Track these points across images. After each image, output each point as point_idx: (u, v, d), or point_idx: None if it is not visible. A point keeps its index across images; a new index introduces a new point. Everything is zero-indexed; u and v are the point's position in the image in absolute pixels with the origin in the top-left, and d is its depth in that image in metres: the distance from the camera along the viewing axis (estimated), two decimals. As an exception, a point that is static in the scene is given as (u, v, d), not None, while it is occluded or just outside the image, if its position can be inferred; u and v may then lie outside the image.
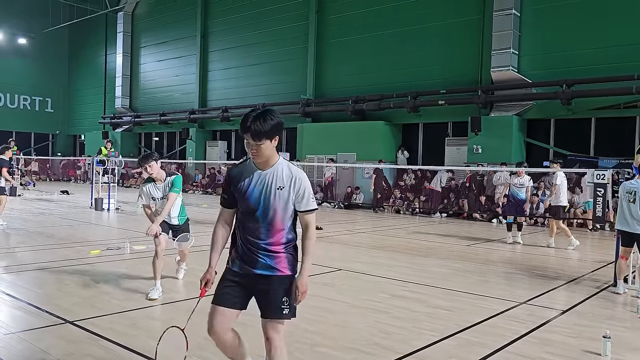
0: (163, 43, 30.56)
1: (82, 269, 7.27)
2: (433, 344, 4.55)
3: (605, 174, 7.42)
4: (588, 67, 16.15)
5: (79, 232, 11.26)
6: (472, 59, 18.69)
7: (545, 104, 17.18)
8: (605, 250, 10.92)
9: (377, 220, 15.61)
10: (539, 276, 7.79)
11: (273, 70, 24.85)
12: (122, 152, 29.63)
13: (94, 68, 35.65)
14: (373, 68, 21.20)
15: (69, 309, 5.29)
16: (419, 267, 8.25)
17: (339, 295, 6.25)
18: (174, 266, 6.94)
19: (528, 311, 5.76)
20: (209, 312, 3.19)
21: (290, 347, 4.35)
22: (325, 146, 21.40)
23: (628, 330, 5.18)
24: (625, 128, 16.32)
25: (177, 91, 29.66)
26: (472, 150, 17.81)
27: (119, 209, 16.01)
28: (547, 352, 4.44)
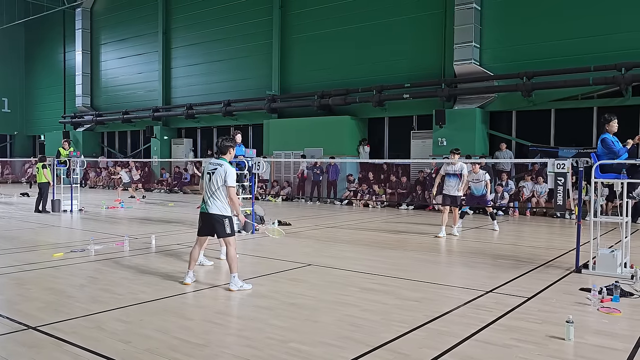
0: (124, 40, 29.90)
1: (45, 272, 7.07)
2: (403, 335, 4.59)
3: (565, 164, 7.62)
4: (547, 59, 16.56)
5: (41, 235, 10.95)
6: (436, 53, 18.92)
7: (506, 96, 17.54)
8: (566, 238, 11.26)
9: (345, 215, 15.68)
10: (504, 265, 7.96)
11: (237, 67, 24.62)
12: (85, 152, 28.93)
13: (53, 66, 34.62)
14: (338, 63, 21.24)
15: (32, 314, 5.14)
16: (387, 260, 8.33)
17: (308, 290, 6.25)
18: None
19: (494, 299, 5.88)
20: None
21: (261, 343, 4.35)
22: (292, 142, 21.35)
23: (590, 315, 5.34)
24: (583, 119, 16.80)
25: (140, 89, 29.08)
26: (437, 143, 18.05)
27: (82, 210, 15.64)
28: (514, 338, 4.54)
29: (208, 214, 6.19)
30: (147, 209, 16.99)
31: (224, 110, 24.18)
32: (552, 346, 4.37)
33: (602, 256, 7.29)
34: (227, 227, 6.18)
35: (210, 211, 6.16)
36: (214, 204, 6.14)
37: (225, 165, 6.23)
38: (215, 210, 6.15)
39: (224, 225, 6.17)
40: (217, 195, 6.15)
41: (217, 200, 6.14)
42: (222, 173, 6.15)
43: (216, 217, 6.16)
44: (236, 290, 6.04)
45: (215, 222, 6.17)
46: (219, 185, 6.15)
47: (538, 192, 15.92)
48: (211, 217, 6.18)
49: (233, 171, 6.22)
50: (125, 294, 5.93)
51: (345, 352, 4.16)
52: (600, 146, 7.40)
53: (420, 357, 4.08)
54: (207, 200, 6.19)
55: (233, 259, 6.13)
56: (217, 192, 6.15)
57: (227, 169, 6.19)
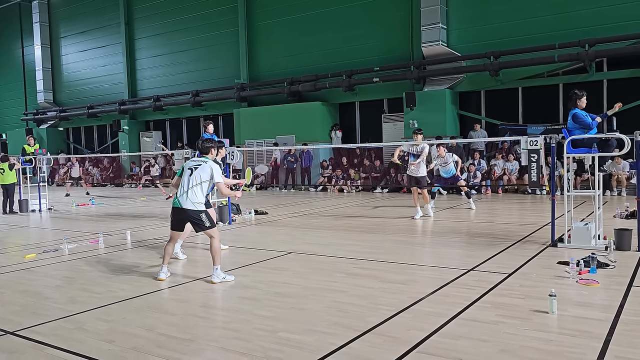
0: (85, 32, 29.06)
1: (19, 275, 6.85)
2: (390, 318, 4.60)
3: (538, 140, 7.73)
4: (513, 38, 16.75)
5: (11, 237, 10.62)
6: (404, 35, 18.94)
7: (475, 76, 17.70)
8: (539, 213, 11.49)
9: (321, 201, 15.67)
10: (481, 243, 8.07)
11: (204, 56, 24.21)
12: (50, 149, 28.12)
13: (11, 61, 33.43)
14: (306, 49, 21.08)
15: (8, 319, 4.97)
16: (369, 244, 8.35)
17: (291, 278, 6.21)
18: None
19: (476, 277, 5.95)
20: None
21: (250, 335, 4.30)
22: (263, 130, 21.17)
23: (570, 287, 5.45)
24: (550, 96, 17.09)
25: (105, 82, 28.38)
26: (408, 125, 18.14)
27: (51, 209, 15.23)
28: (499, 314, 4.60)
29: (181, 209, 6.05)
30: (120, 204, 16.65)
31: (193, 101, 23.80)
32: (536, 320, 4.45)
33: (577, 229, 7.45)
34: (205, 221, 6.05)
35: (183, 206, 6.02)
36: (188, 199, 6.00)
37: (210, 162, 6.21)
38: (190, 206, 6.00)
39: (201, 219, 6.04)
40: (194, 191, 6.02)
41: (193, 195, 6.01)
42: (208, 169, 6.10)
43: (190, 212, 6.02)
44: (218, 283, 5.96)
45: (190, 218, 6.06)
46: (201, 180, 6.05)
47: (509, 169, 16.18)
48: (184, 212, 6.04)
49: (218, 167, 6.21)
50: (105, 292, 5.79)
51: (335, 338, 4.15)
52: (570, 121, 7.52)
53: (409, 338, 4.09)
54: (182, 195, 6.04)
55: (217, 251, 6.02)
56: (196, 188, 6.04)
57: (213, 165, 6.17)
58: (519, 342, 3.98)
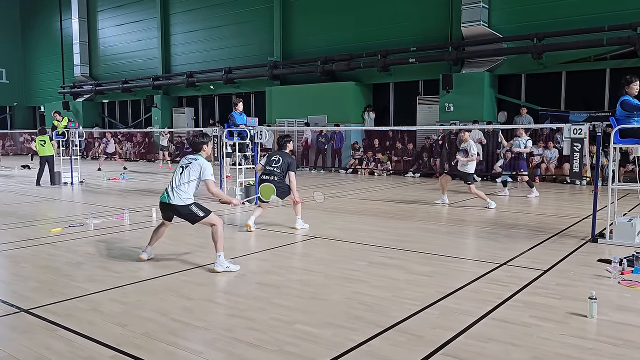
0: (121, 6, 29.18)
1: (42, 249, 6.84)
2: (415, 314, 4.34)
3: (582, 129, 7.24)
4: (559, 19, 15.93)
5: (40, 209, 10.73)
6: (442, 14, 18.27)
7: (516, 59, 16.98)
8: (578, 205, 10.96)
9: (351, 183, 15.39)
10: (516, 235, 7.69)
11: (238, 32, 23.98)
12: (85, 122, 28.67)
13: (50, 35, 33.96)
14: (341, 27, 20.60)
15: (25, 296, 4.91)
16: (396, 231, 8.06)
17: (314, 265, 5.99)
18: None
19: (509, 272, 5.61)
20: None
21: (265, 325, 4.11)
22: (295, 109, 20.91)
23: (611, 289, 5.07)
24: (596, 81, 16.26)
25: (139, 57, 28.51)
26: (443, 109, 17.60)
27: (83, 182, 15.40)
28: (533, 316, 4.28)
29: (167, 204, 5.90)
30: (150, 180, 16.74)
31: (225, 78, 23.67)
32: (574, 324, 4.12)
33: (620, 225, 7.00)
34: (197, 212, 5.83)
35: (171, 202, 5.83)
36: (176, 195, 5.81)
37: (200, 159, 5.97)
38: (178, 202, 5.80)
39: (192, 212, 5.82)
40: (183, 188, 5.83)
41: (181, 192, 5.81)
42: (197, 167, 5.87)
43: (179, 207, 5.81)
44: (221, 272, 5.63)
45: (180, 214, 5.88)
46: (190, 178, 5.84)
47: (548, 157, 15.54)
48: (172, 207, 5.87)
49: (210, 165, 5.94)
50: (123, 271, 5.69)
51: (354, 334, 3.92)
52: (619, 109, 6.99)
53: (434, 338, 3.83)
54: (170, 192, 5.86)
55: (219, 237, 5.72)
56: (185, 185, 5.83)
57: (203, 162, 5.93)
58: (553, 348, 3.67)
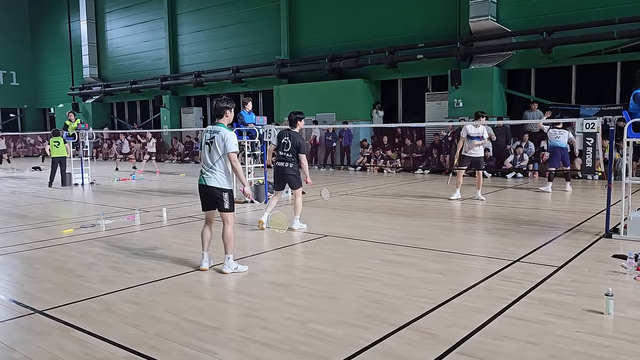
0: (128, 7, 29.27)
1: (55, 250, 6.88)
2: (428, 312, 4.31)
3: (595, 123, 7.16)
4: (568, 13, 15.76)
5: (52, 210, 10.79)
6: (450, 9, 18.15)
7: (525, 53, 16.83)
8: (590, 200, 10.86)
9: (360, 181, 15.35)
10: (529, 231, 7.62)
11: (245, 31, 23.98)
12: (94, 123, 28.80)
13: (59, 37, 34.15)
14: (348, 24, 20.53)
15: (39, 297, 4.94)
16: (407, 229, 8.02)
17: (325, 263, 5.97)
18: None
19: (523, 269, 5.56)
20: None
21: (277, 324, 4.10)
22: (303, 107, 20.68)
23: (627, 285, 5.01)
24: (607, 75, 16.09)
25: (147, 57, 28.59)
26: (452, 105, 17.49)
27: (93, 183, 15.48)
28: (548, 313, 4.23)
29: (206, 186, 5.57)
30: (160, 180, 16.80)
31: (233, 77, 23.69)
32: (590, 321, 4.07)
33: (634, 220, 6.91)
34: (225, 202, 5.56)
35: (208, 183, 5.54)
36: (213, 176, 5.52)
37: (222, 130, 5.53)
38: (214, 183, 5.52)
39: (222, 198, 5.55)
40: (217, 167, 5.52)
41: (216, 172, 5.52)
42: (220, 141, 5.48)
43: (215, 190, 5.54)
44: (230, 273, 5.53)
45: (213, 195, 5.58)
46: (220, 154, 5.50)
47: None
48: (210, 189, 5.57)
49: (233, 135, 5.55)
50: (135, 272, 5.70)
51: (368, 332, 3.89)
52: (632, 102, 6.91)
53: (449, 336, 3.80)
54: (206, 172, 5.56)
55: (230, 238, 5.57)
56: (218, 163, 5.51)
57: (225, 133, 5.50)
58: (570, 346, 3.62)
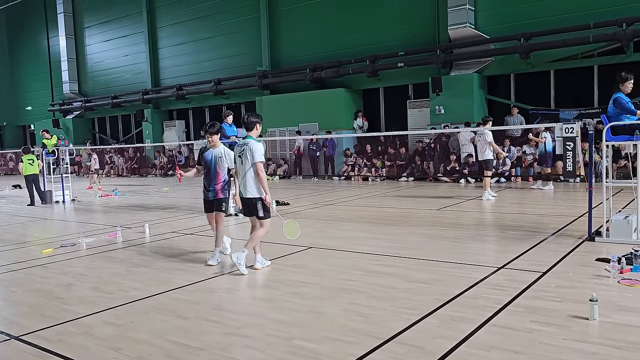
0: (108, 22, 29.12)
1: (33, 272, 6.71)
2: (414, 324, 4.25)
3: (574, 127, 7.21)
4: (545, 19, 16.01)
5: (31, 229, 10.58)
6: (429, 18, 18.32)
7: (504, 59, 17.02)
8: (572, 203, 10.94)
9: (344, 190, 15.33)
10: (512, 236, 7.63)
11: (226, 43, 23.96)
12: (76, 139, 28.52)
13: (38, 53, 33.81)
14: (329, 34, 20.62)
15: (15, 321, 4.79)
16: (392, 238, 7.99)
17: (310, 276, 5.91)
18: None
19: (507, 276, 5.55)
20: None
21: (262, 342, 4.02)
22: (286, 118, 20.86)
23: (611, 288, 5.01)
24: (584, 78, 16.32)
25: (128, 72, 28.43)
26: (434, 112, 17.60)
27: (75, 200, 15.26)
28: (534, 320, 4.21)
29: (245, 198, 6.12)
30: (142, 195, 16.61)
31: (215, 89, 23.63)
32: (576, 328, 4.05)
33: (616, 222, 6.96)
34: (259, 210, 6.07)
35: (245, 195, 6.08)
36: (248, 187, 6.02)
37: (250, 142, 6.03)
38: (249, 194, 6.04)
39: (256, 207, 6.07)
40: (248, 177, 6.01)
41: (248, 182, 6.01)
42: (249, 152, 5.98)
43: (251, 200, 6.06)
44: (261, 268, 6.17)
45: (250, 205, 6.11)
46: (249, 165, 5.99)
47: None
48: (247, 200, 6.11)
49: (260, 147, 6.02)
50: (116, 291, 5.57)
51: (353, 347, 3.83)
52: (611, 106, 6.98)
53: (435, 349, 3.75)
54: (241, 184, 6.09)
55: (257, 238, 6.12)
56: (248, 175, 6.00)
57: (253, 145, 5.99)
58: (557, 354, 3.59)
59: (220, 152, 6.63)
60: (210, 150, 6.68)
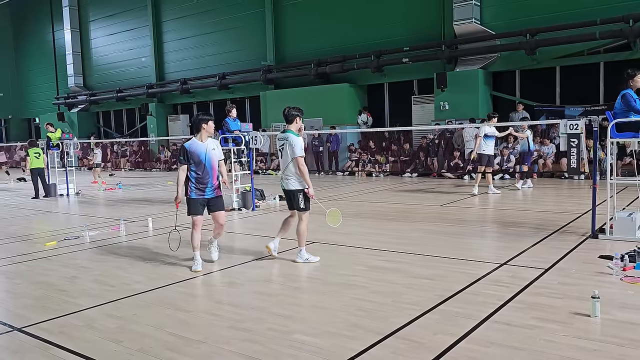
0: (112, 15, 29.09)
1: (36, 264, 6.75)
2: (415, 319, 4.25)
3: (579, 124, 7.18)
4: (551, 14, 15.90)
5: (36, 222, 10.63)
6: (434, 13, 18.23)
7: (509, 55, 16.94)
8: (577, 200, 10.90)
9: (348, 186, 15.32)
10: (515, 233, 7.61)
11: (231, 38, 23.92)
12: (80, 133, 28.54)
13: (43, 46, 33.83)
14: (334, 29, 20.55)
15: (18, 313, 4.82)
16: (395, 234, 7.98)
17: (312, 271, 5.92)
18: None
19: (510, 272, 5.54)
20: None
21: (263, 336, 4.02)
22: (290, 113, 20.76)
23: (613, 286, 5.00)
24: (590, 75, 16.22)
25: (133, 65, 28.42)
26: (439, 107, 17.54)
27: (79, 193, 15.31)
28: (535, 317, 4.20)
29: (286, 190, 6.21)
30: (146, 189, 16.65)
31: (219, 84, 23.61)
32: (577, 325, 4.04)
33: (620, 220, 6.93)
34: (300, 202, 6.13)
35: (286, 187, 6.17)
36: (289, 180, 6.13)
37: (290, 137, 6.12)
38: (290, 186, 6.13)
39: (298, 199, 6.13)
40: (288, 170, 6.11)
41: (289, 175, 6.11)
42: (289, 147, 6.08)
43: (291, 192, 6.15)
44: (301, 263, 6.19)
45: (292, 197, 6.18)
46: (289, 159, 6.08)
47: (545, 153, 15.48)
48: (287, 192, 6.20)
49: (299, 141, 6.11)
50: (119, 284, 5.60)
51: (354, 342, 3.83)
52: (619, 102, 6.92)
53: (435, 344, 3.75)
54: (283, 177, 6.19)
55: (301, 233, 6.20)
56: (289, 167, 6.10)
57: (292, 139, 6.08)
58: (557, 351, 3.58)
59: (214, 144, 6.24)
60: (199, 144, 6.09)
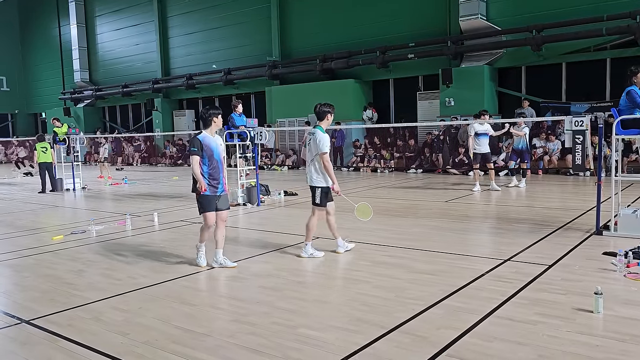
0: (118, 10, 29.16)
1: (44, 258, 6.82)
2: (419, 314, 4.29)
3: (584, 120, 7.17)
4: (557, 10, 15.84)
5: (43, 217, 10.71)
6: (440, 9, 18.19)
7: (515, 51, 16.89)
8: (582, 197, 10.88)
9: (353, 182, 15.34)
10: (520, 229, 7.62)
11: (236, 33, 23.93)
12: (86, 127, 28.69)
13: (49, 41, 33.96)
14: (339, 25, 20.54)
15: (26, 306, 4.88)
16: (399, 229, 8.01)
17: (316, 266, 5.95)
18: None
19: (513, 268, 5.56)
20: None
21: (267, 330, 4.06)
22: (295, 109, 20.84)
23: (617, 282, 5.01)
24: (596, 71, 16.15)
25: (138, 61, 28.50)
26: (444, 104, 17.52)
27: (85, 188, 15.40)
28: (538, 313, 4.22)
29: (310, 186, 6.28)
30: (152, 184, 16.73)
31: (225, 79, 23.64)
32: (580, 320, 4.06)
33: (624, 216, 6.93)
34: (317, 197, 6.20)
35: (309, 183, 6.25)
36: (311, 175, 6.20)
37: (317, 132, 6.17)
38: (313, 182, 6.19)
39: (315, 194, 6.21)
40: (312, 166, 6.16)
41: (312, 171, 6.17)
42: (315, 142, 6.12)
43: (313, 188, 6.22)
44: (306, 258, 6.21)
45: (313, 192, 6.26)
46: (314, 154, 6.13)
47: (550, 149, 15.45)
48: (311, 187, 6.27)
49: (325, 137, 6.13)
50: (125, 278, 5.65)
51: (357, 336, 3.87)
52: (624, 98, 6.92)
53: (439, 339, 3.78)
54: (308, 171, 6.26)
55: (310, 228, 6.26)
56: (313, 162, 6.15)
57: (319, 135, 6.12)
58: (560, 346, 3.61)
59: (220, 140, 6.13)
60: (211, 138, 5.89)
